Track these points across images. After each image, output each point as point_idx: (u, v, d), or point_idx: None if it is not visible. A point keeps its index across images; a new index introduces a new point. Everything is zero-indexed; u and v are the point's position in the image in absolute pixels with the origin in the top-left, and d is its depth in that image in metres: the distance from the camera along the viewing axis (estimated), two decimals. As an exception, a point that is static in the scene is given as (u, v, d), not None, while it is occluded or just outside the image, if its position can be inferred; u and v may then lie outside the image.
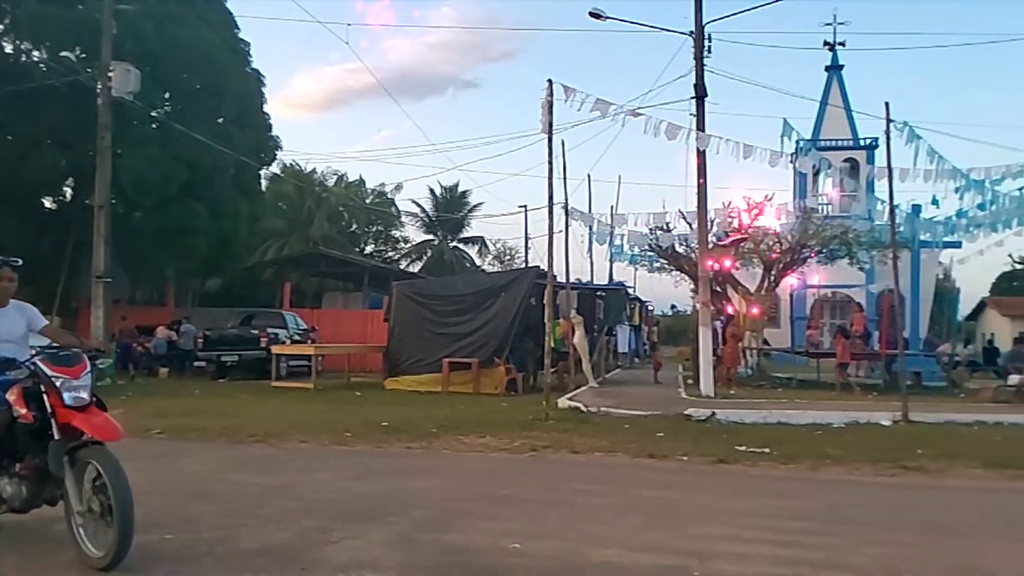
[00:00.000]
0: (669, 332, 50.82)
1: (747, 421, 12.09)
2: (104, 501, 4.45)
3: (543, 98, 13.39)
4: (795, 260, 22.34)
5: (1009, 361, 18.44)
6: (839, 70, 36.99)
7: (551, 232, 13.71)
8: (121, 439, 4.64)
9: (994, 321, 50.61)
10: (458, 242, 47.16)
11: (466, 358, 17.00)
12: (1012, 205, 20.13)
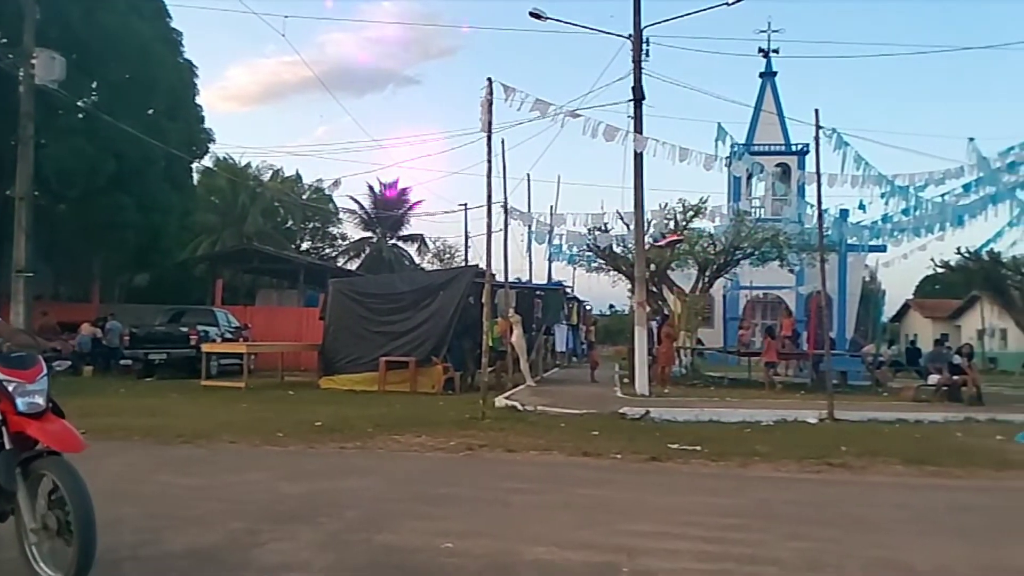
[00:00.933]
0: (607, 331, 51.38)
1: (680, 419, 12.31)
2: (62, 517, 4.05)
3: (483, 97, 13.38)
4: (728, 262, 22.85)
5: (929, 361, 19.16)
6: (772, 76, 37.98)
7: (489, 231, 13.72)
8: (83, 450, 4.20)
9: (917, 322, 52.70)
10: (397, 240, 46.81)
11: (403, 357, 16.88)
12: (934, 211, 20.95)
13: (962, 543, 5.62)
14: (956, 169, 20.45)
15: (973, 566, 5.09)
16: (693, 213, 22.92)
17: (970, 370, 16.86)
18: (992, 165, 20.85)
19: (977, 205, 20.88)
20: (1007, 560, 5.23)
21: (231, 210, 36.42)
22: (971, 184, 20.96)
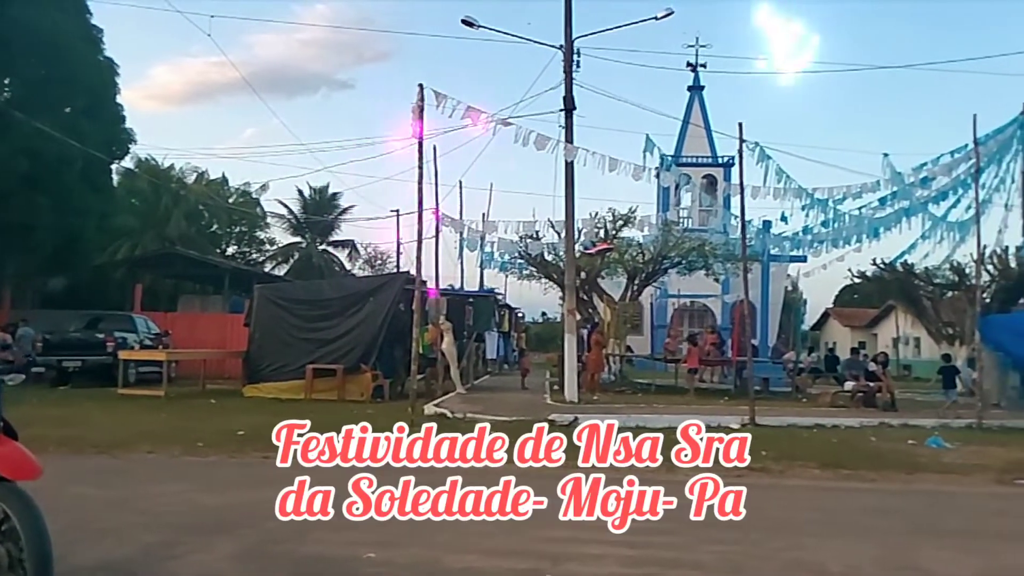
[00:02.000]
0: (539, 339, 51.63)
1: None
2: (14, 552, 3.61)
3: (414, 103, 13.33)
4: (657, 270, 23.26)
5: (846, 368, 19.88)
6: (700, 90, 38.90)
7: (420, 238, 13.67)
8: (39, 477, 3.81)
9: (836, 330, 54.58)
10: (328, 245, 46.11)
11: (331, 364, 16.59)
12: (852, 223, 21.73)
13: (873, 544, 5.84)
14: (872, 183, 21.27)
15: (883, 566, 5.29)
16: (623, 222, 23.28)
17: (884, 377, 17.55)
18: (906, 180, 21.79)
19: (892, 218, 21.76)
20: (918, 560, 5.44)
21: (153, 213, 35.27)
22: (886, 198, 21.83)
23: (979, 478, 9.00)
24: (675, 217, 29.14)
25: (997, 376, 16.93)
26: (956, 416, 14.69)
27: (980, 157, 19.83)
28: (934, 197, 21.95)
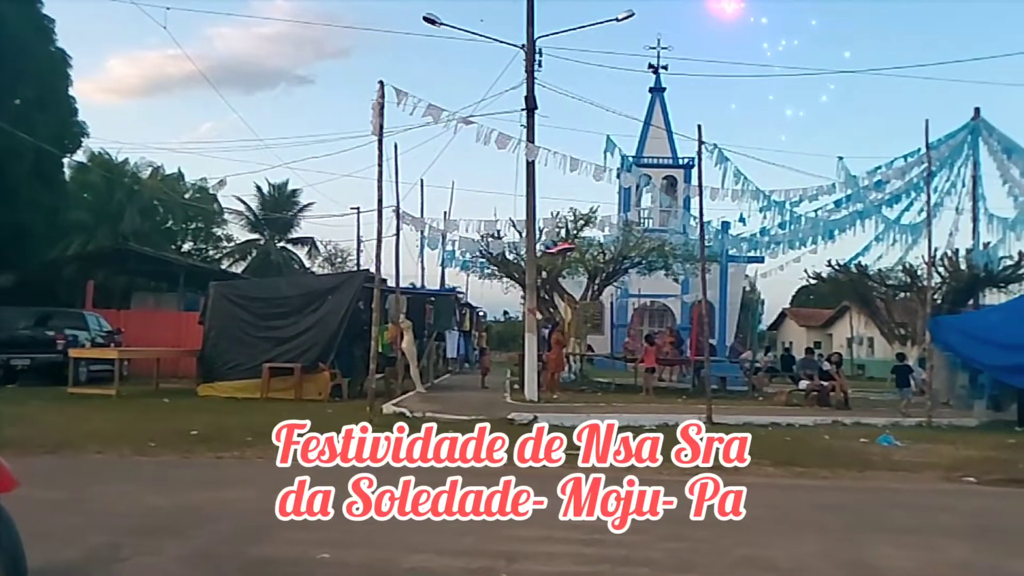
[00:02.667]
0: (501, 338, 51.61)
1: (567, 424, 12.43)
2: None
3: (375, 99, 13.21)
4: (617, 270, 23.41)
5: (801, 368, 20.20)
6: (661, 92, 39.24)
7: (380, 236, 13.56)
8: (14, 489, 3.66)
9: (792, 330, 55.48)
10: (287, 242, 45.50)
11: (289, 363, 16.38)
12: (808, 225, 22.12)
13: (823, 540, 5.93)
14: (828, 186, 21.69)
15: (831, 562, 5.37)
16: (583, 222, 23.39)
17: (838, 376, 17.88)
18: (860, 183, 22.24)
19: (846, 220, 22.20)
20: (864, 556, 5.53)
21: (106, 208, 34.42)
22: (841, 201, 22.28)
23: (928, 475, 9.21)
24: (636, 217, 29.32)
25: (946, 376, 17.34)
26: (907, 415, 15.03)
27: (932, 161, 20.33)
28: (887, 200, 22.44)
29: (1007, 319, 15.85)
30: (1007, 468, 9.55)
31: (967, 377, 17.05)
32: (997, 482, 8.83)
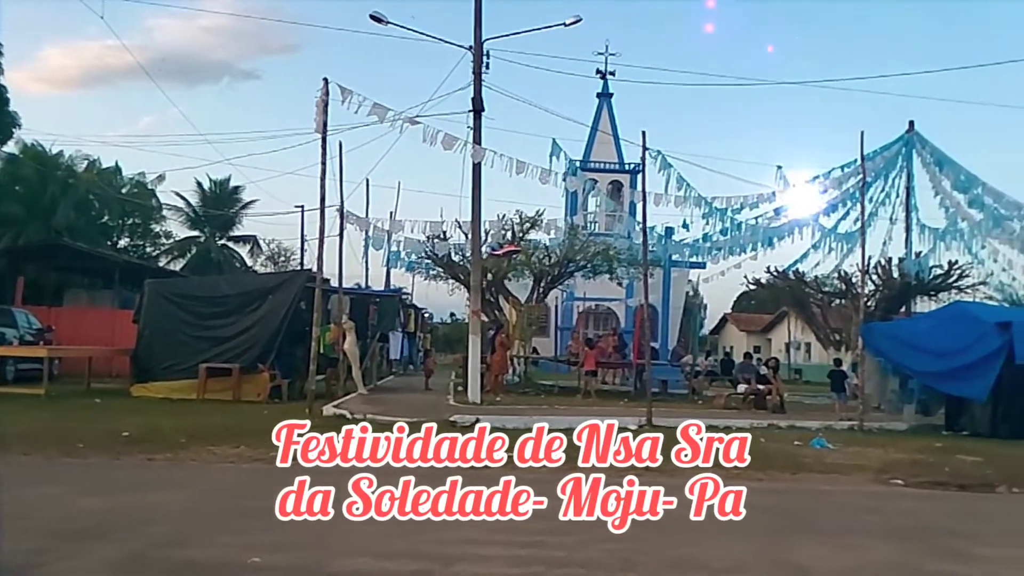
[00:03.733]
0: (447, 340, 51.45)
1: (509, 427, 12.45)
2: None
3: (318, 97, 13.04)
4: (563, 273, 23.53)
5: (740, 372, 20.59)
6: (609, 97, 39.52)
7: (322, 235, 13.37)
8: None
9: (733, 335, 56.61)
10: (228, 240, 44.55)
11: (227, 363, 16.04)
12: (748, 232, 22.58)
13: (756, 541, 6.04)
14: (768, 194, 22.19)
15: (763, 562, 5.48)
16: (529, 225, 23.44)
17: (775, 380, 18.26)
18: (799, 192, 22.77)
19: (785, 228, 22.74)
20: (794, 556, 5.65)
21: (38, 202, 33.21)
22: (780, 209, 22.81)
23: (858, 478, 9.46)
24: (581, 221, 29.52)
25: (878, 381, 17.84)
26: (841, 419, 15.45)
27: (867, 172, 20.94)
28: (825, 209, 23.06)
29: (936, 327, 16.39)
30: (933, 471, 9.88)
31: (897, 382, 17.58)
32: (923, 484, 9.12)
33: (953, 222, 22.69)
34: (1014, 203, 21.79)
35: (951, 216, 22.72)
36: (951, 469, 10.02)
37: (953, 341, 15.03)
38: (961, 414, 15.20)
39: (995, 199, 22.34)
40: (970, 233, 22.43)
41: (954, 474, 9.67)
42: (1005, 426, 14.05)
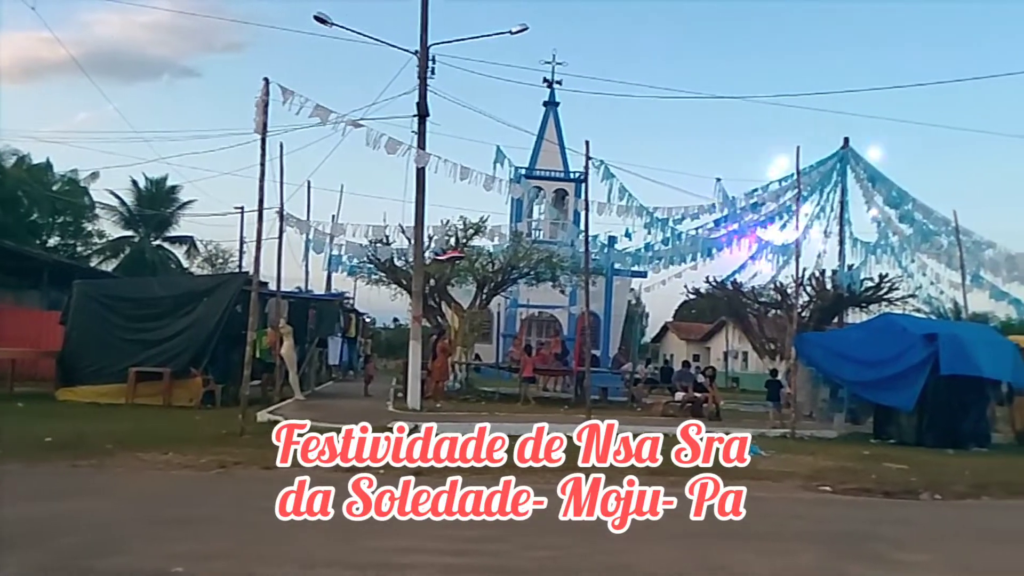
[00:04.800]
0: (390, 345, 50.96)
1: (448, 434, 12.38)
2: None
3: (258, 96, 12.78)
4: (506, 280, 23.55)
5: (677, 380, 20.90)
6: (556, 106, 39.85)
7: (259, 237, 13.08)
8: None
9: (674, 343, 57.45)
10: (164, 241, 43.40)
11: (158, 367, 15.59)
12: (688, 242, 22.98)
13: (685, 547, 6.11)
14: (709, 206, 22.63)
15: (692, 568, 5.56)
16: (473, 231, 23.41)
17: (711, 388, 18.58)
18: (737, 204, 23.29)
19: (724, 239, 23.21)
20: (721, 561, 5.73)
21: (-37, 198, 32.03)
22: (720, 220, 23.27)
23: (788, 484, 9.66)
24: (526, 229, 29.66)
25: (810, 390, 18.30)
26: (775, 427, 15.78)
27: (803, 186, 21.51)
28: (762, 221, 23.61)
29: (866, 337, 16.85)
30: (860, 478, 10.14)
31: (828, 391, 18.05)
32: (850, 491, 9.36)
33: (884, 236, 23.48)
34: (942, 219, 22.66)
35: (882, 230, 23.50)
36: (877, 476, 10.30)
37: (882, 352, 15.48)
38: (888, 423, 15.65)
39: (924, 215, 23.21)
40: (900, 247, 23.25)
41: (880, 481, 9.94)
42: (930, 435, 14.51)
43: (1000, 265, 22.58)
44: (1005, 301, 23.44)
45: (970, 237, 22.63)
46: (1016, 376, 15.30)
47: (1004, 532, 7.77)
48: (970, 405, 14.96)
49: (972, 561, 6.31)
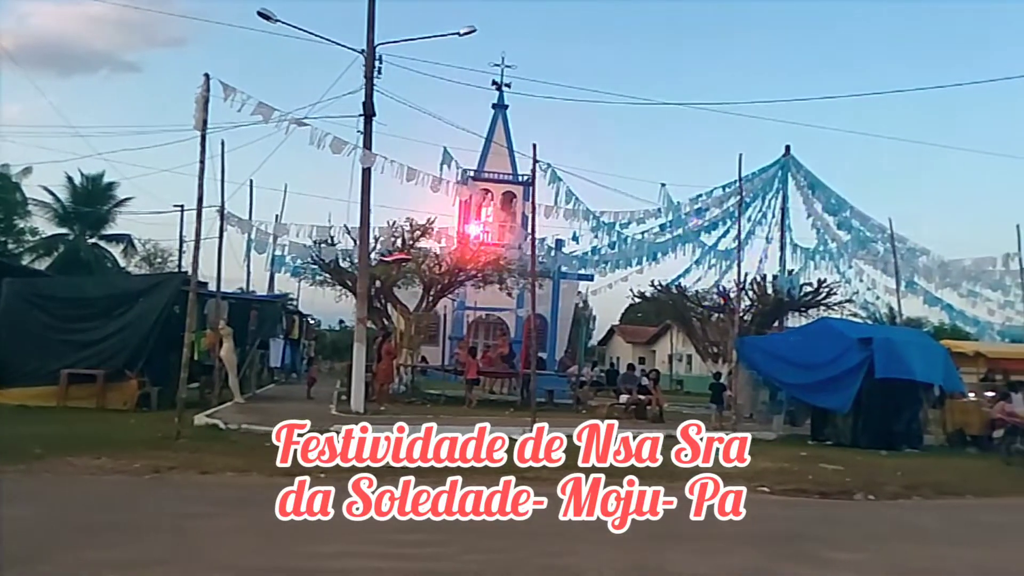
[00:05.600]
0: (335, 347, 50.32)
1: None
2: None
3: (198, 93, 12.50)
4: (453, 282, 23.46)
5: (622, 383, 21.08)
6: (504, 109, 39.85)
7: (198, 236, 12.78)
8: None
9: (620, 346, 57.98)
10: (100, 239, 42.07)
11: (92, 369, 15.10)
12: (634, 247, 23.24)
13: (624, 548, 6.14)
14: (655, 211, 22.93)
15: (628, 569, 5.59)
16: (420, 233, 23.27)
17: (655, 391, 18.80)
18: (682, 210, 23.64)
19: (669, 244, 23.54)
20: (659, 562, 5.79)
21: None
22: (665, 225, 23.59)
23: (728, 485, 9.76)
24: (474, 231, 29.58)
25: (750, 392, 18.63)
26: (717, 428, 16.00)
27: (746, 193, 21.94)
28: (706, 227, 24.02)
29: (804, 341, 17.23)
30: (797, 479, 10.35)
31: (768, 394, 18.39)
32: (787, 492, 9.55)
33: (823, 242, 24.12)
34: (879, 226, 23.37)
35: (821, 237, 24.14)
36: (814, 477, 10.53)
37: (819, 355, 15.84)
38: (825, 425, 16.02)
39: (862, 222, 23.92)
40: (838, 253, 23.90)
41: (816, 482, 10.16)
42: (865, 436, 14.90)
43: (933, 272, 23.40)
44: (938, 307, 24.28)
45: (905, 244, 23.40)
46: (947, 379, 15.83)
47: (934, 531, 8.00)
48: (903, 407, 15.42)
49: (903, 560, 6.48)
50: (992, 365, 18.47)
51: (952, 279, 23.37)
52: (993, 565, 6.51)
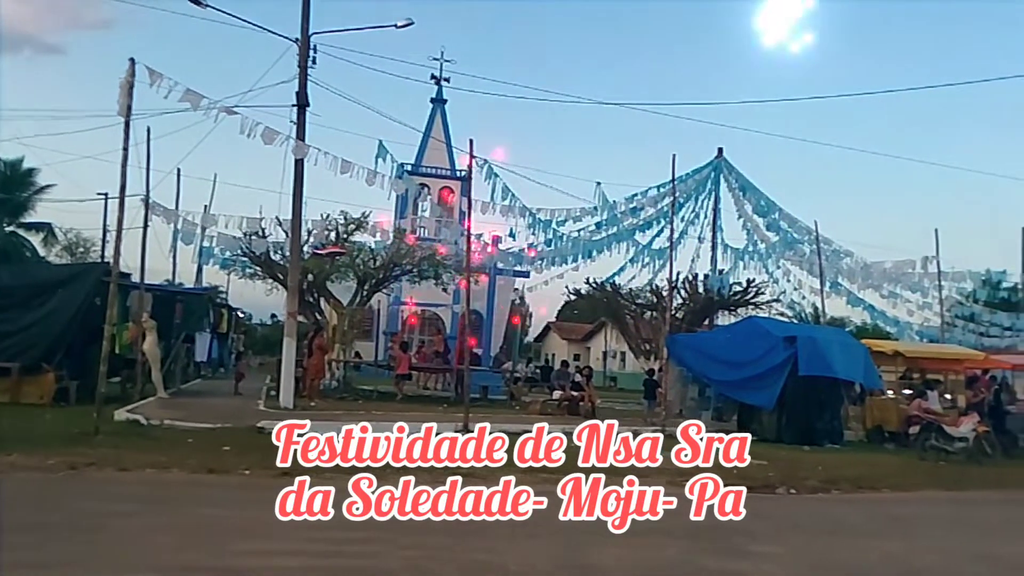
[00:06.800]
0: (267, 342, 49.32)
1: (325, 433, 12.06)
2: None
3: (123, 78, 12.05)
4: (388, 277, 23.21)
5: (555, 379, 21.23)
6: (443, 104, 39.60)
7: (120, 225, 12.33)
8: None
9: (556, 343, 58.33)
10: (18, 227, 40.29)
11: (6, 362, 14.44)
12: (570, 244, 23.43)
13: (555, 544, 6.18)
14: (591, 209, 23.17)
15: (559, 564, 5.62)
16: (355, 226, 22.95)
17: (588, 388, 18.96)
18: (617, 209, 23.94)
19: (604, 242, 23.81)
20: (590, 557, 5.84)
21: None
22: (601, 223, 23.86)
23: (658, 480, 9.92)
24: (410, 226, 29.32)
25: (679, 389, 18.98)
26: (650, 424, 16.25)
27: (680, 194, 22.32)
28: (640, 226, 24.39)
29: (731, 339, 17.65)
30: (723, 473, 10.55)
31: (697, 390, 18.78)
32: (714, 486, 9.72)
33: (752, 243, 24.75)
34: (805, 228, 24.10)
35: (751, 237, 24.77)
36: (739, 472, 10.75)
37: (746, 353, 16.24)
38: (751, 420, 16.42)
39: (789, 224, 24.64)
40: (767, 253, 24.55)
41: (741, 476, 10.38)
42: (789, 432, 15.33)
43: (856, 273, 24.26)
44: (860, 307, 25.19)
45: (830, 246, 24.19)
46: (867, 377, 16.41)
47: (852, 525, 8.25)
48: (825, 404, 15.92)
49: (823, 552, 6.67)
50: (910, 364, 19.20)
51: (874, 280, 24.27)
52: (907, 556, 6.75)
